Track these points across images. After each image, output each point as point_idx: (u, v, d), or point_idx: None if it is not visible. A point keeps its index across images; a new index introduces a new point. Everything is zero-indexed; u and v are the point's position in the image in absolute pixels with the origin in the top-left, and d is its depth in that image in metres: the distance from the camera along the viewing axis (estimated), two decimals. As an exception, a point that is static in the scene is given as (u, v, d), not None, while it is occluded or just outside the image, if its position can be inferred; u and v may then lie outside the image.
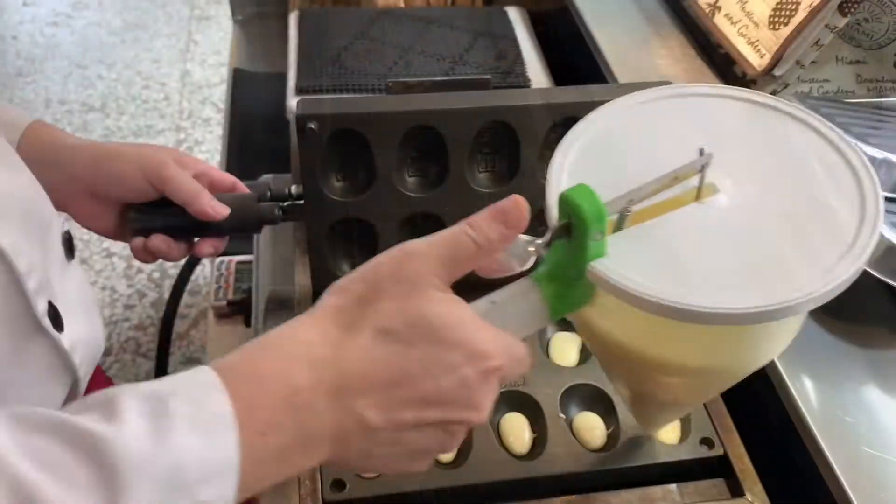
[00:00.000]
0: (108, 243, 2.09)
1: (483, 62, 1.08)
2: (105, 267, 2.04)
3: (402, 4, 1.30)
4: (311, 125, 0.60)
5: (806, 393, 0.59)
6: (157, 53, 2.77)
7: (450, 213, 0.67)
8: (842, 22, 0.80)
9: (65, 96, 2.58)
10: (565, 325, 0.71)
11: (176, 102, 2.57)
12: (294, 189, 0.71)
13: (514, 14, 1.18)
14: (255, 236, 0.88)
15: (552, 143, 0.66)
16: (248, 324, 0.88)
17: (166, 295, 2.00)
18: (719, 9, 0.89)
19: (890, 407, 0.59)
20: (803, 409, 0.58)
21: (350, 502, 0.57)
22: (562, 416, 0.63)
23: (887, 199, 0.61)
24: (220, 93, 2.59)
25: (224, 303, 1.00)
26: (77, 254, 0.56)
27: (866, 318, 0.65)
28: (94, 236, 2.10)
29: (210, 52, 2.78)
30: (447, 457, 0.61)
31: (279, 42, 1.59)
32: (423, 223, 0.69)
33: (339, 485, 0.57)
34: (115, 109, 2.53)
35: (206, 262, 1.74)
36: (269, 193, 0.80)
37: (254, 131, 1.35)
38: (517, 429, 0.63)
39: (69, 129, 2.45)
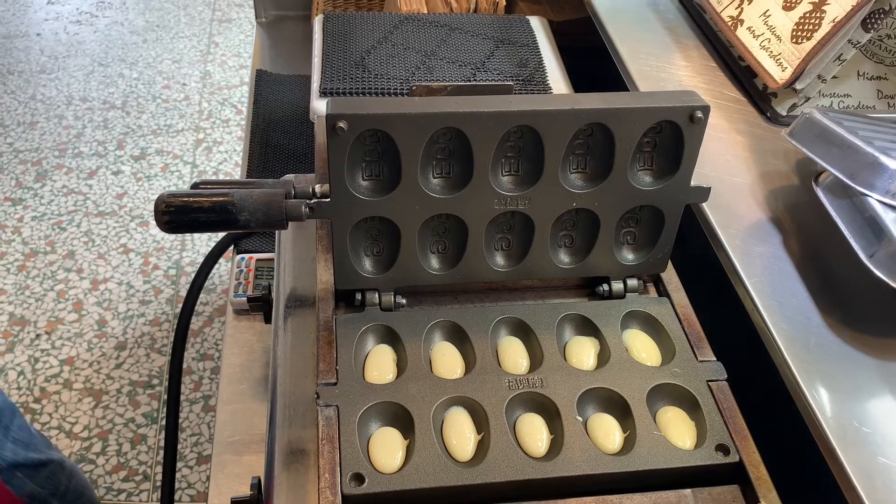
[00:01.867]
0: (125, 239, 2.11)
1: (504, 69, 1.09)
2: (122, 263, 2.06)
3: (424, 10, 1.31)
4: (341, 124, 0.61)
5: (822, 402, 0.60)
6: (178, 54, 2.80)
7: (473, 215, 0.68)
8: (864, 37, 0.80)
9: (86, 94, 2.61)
10: (583, 330, 0.72)
11: (196, 103, 2.59)
12: (318, 188, 0.73)
13: (536, 23, 1.19)
14: (277, 234, 0.89)
15: (576, 149, 0.68)
16: (267, 320, 0.89)
17: (182, 292, 2.02)
18: (742, 22, 0.90)
19: (907, 418, 0.59)
20: (820, 419, 0.59)
21: (368, 497, 0.58)
22: (578, 418, 0.64)
23: (908, 213, 0.62)
24: (239, 94, 2.62)
25: (244, 299, 1.01)
26: (95, 249, 0.56)
27: (884, 329, 0.66)
28: (112, 232, 2.12)
29: (230, 54, 2.80)
30: (465, 455, 0.61)
31: (301, 44, 1.61)
32: (446, 224, 0.70)
33: (358, 479, 0.58)
34: (136, 108, 2.56)
35: (222, 260, 1.76)
36: (293, 192, 0.81)
37: (275, 132, 1.36)
38: (534, 430, 0.64)
39: (90, 126, 2.48)
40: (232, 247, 1.13)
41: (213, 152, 2.41)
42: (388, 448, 0.61)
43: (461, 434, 0.63)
